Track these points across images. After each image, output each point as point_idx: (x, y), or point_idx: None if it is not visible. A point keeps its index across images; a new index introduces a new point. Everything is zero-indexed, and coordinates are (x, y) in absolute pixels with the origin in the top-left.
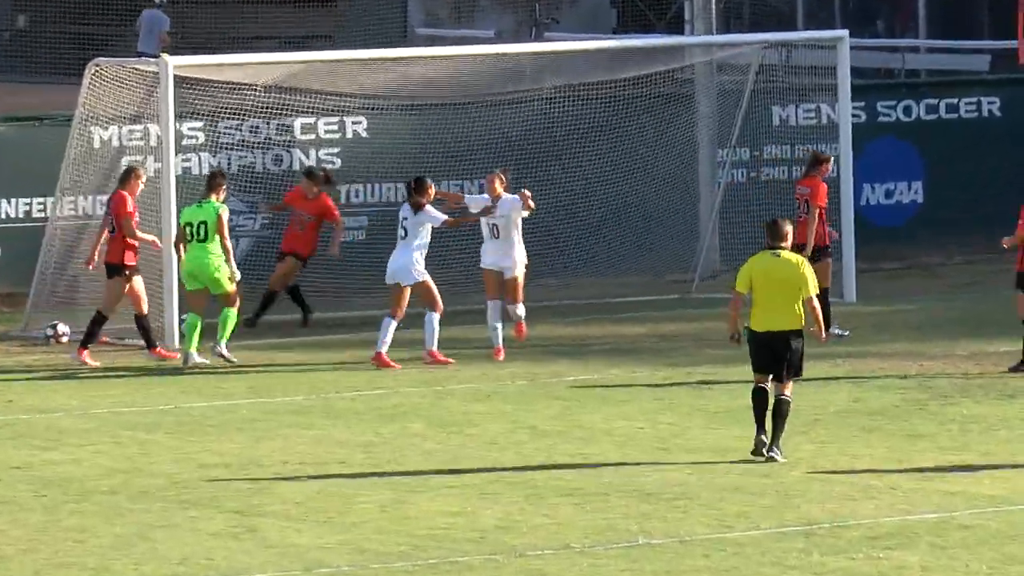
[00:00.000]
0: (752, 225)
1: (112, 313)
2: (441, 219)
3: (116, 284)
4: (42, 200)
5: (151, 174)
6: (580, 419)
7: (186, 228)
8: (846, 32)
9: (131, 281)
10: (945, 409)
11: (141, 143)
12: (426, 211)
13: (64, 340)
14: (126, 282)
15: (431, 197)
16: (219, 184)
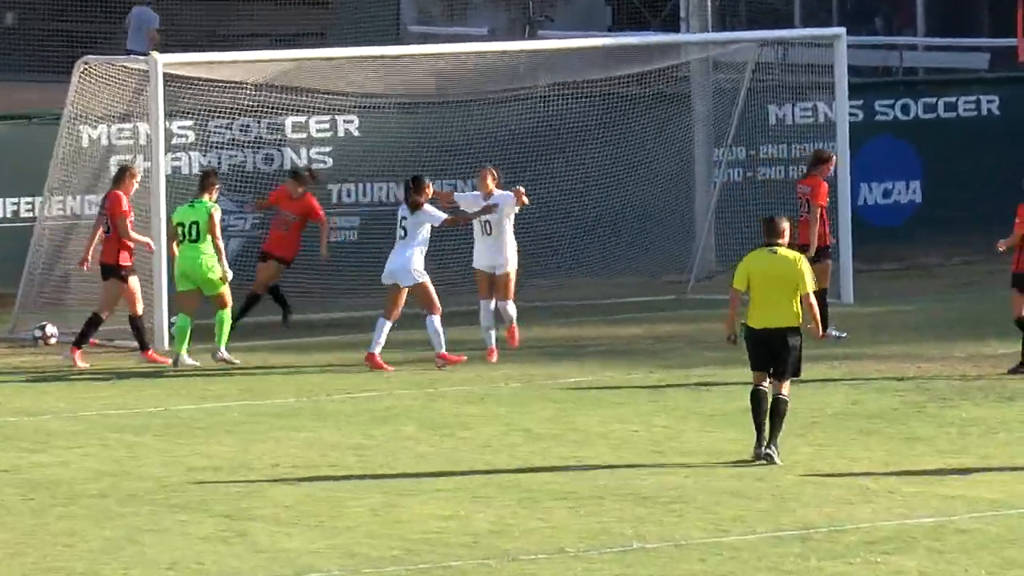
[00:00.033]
0: (748, 225)
1: (109, 315)
2: (441, 218)
3: (112, 286)
4: (30, 200)
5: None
6: (574, 421)
7: (178, 228)
8: (843, 30)
9: (127, 282)
10: (944, 412)
11: (130, 142)
12: (425, 210)
13: (52, 342)
14: (122, 283)
15: (429, 196)
16: (212, 184)
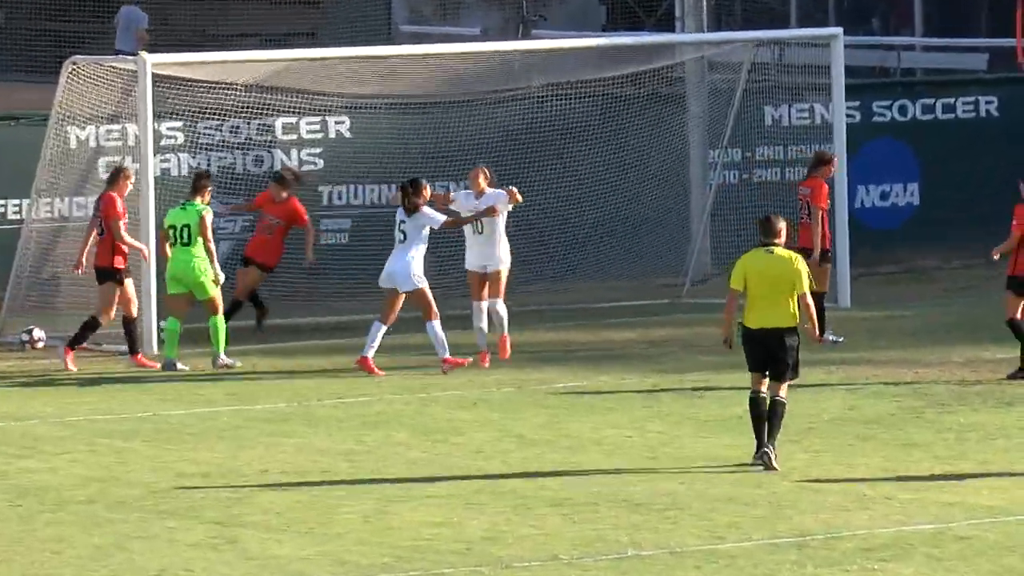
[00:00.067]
0: (744, 228)
1: (108, 320)
2: (440, 220)
3: (109, 289)
4: (17, 202)
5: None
6: (568, 427)
7: (170, 231)
8: (840, 30)
9: (123, 284)
10: (942, 417)
11: (119, 143)
12: (423, 212)
13: (40, 346)
14: (119, 286)
15: (428, 198)
16: (204, 186)
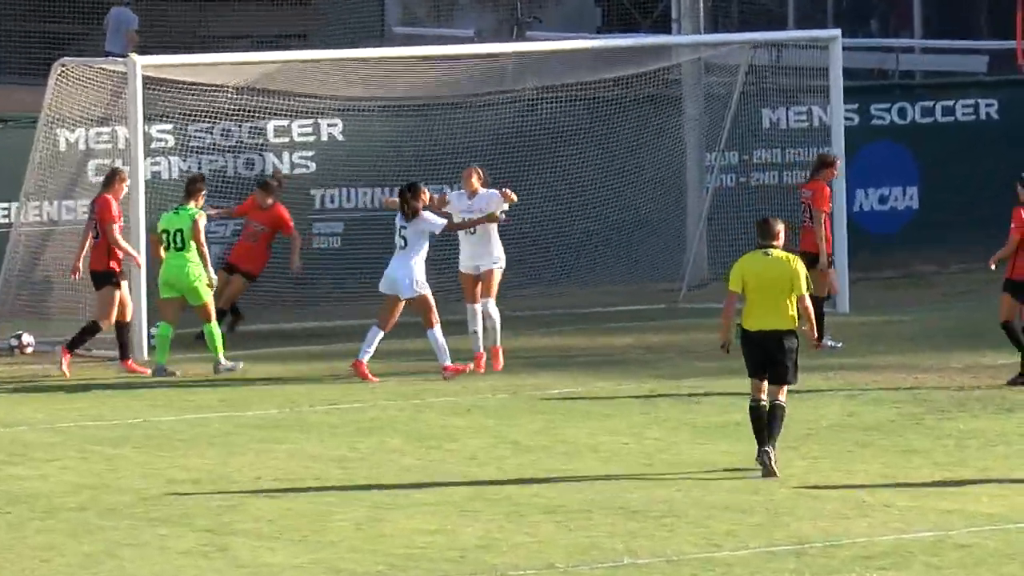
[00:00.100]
0: (742, 232)
1: (109, 324)
2: (440, 225)
3: (108, 292)
4: (6, 205)
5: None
6: (563, 433)
7: (163, 235)
8: (839, 32)
9: (120, 288)
10: (941, 424)
11: (109, 146)
12: (423, 217)
13: (29, 351)
14: (116, 289)
15: (426, 202)
16: (198, 190)
